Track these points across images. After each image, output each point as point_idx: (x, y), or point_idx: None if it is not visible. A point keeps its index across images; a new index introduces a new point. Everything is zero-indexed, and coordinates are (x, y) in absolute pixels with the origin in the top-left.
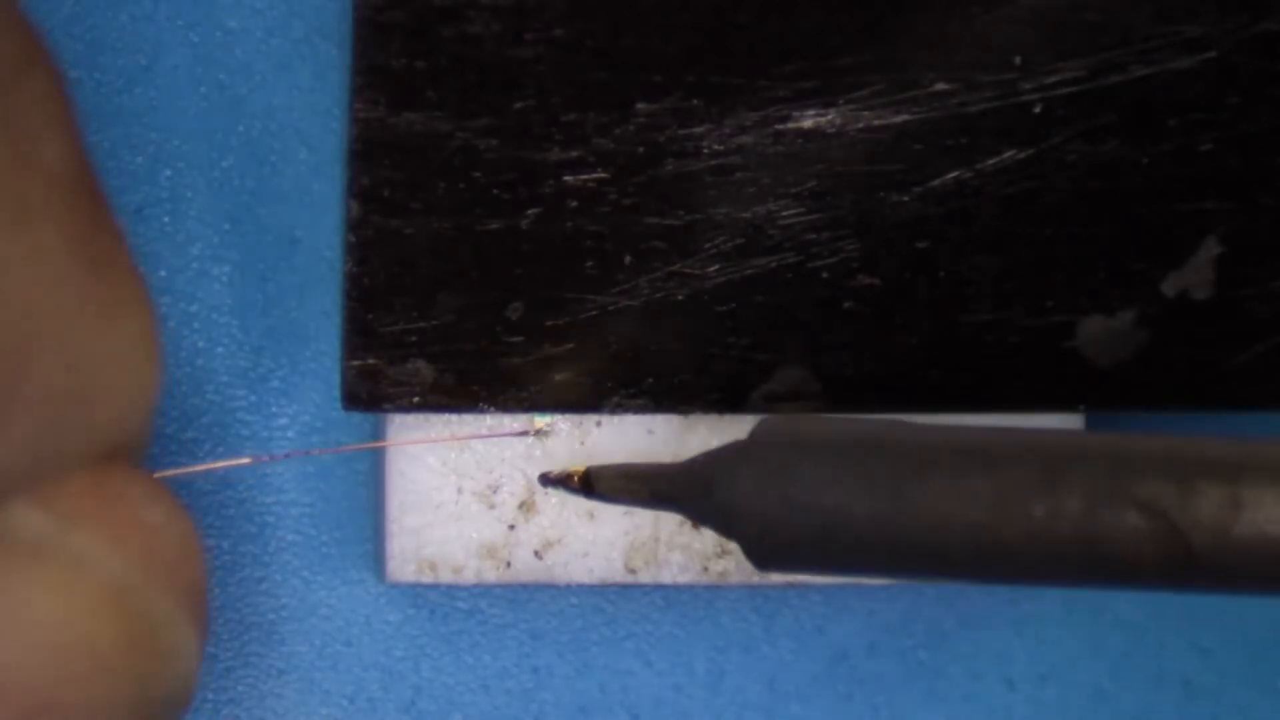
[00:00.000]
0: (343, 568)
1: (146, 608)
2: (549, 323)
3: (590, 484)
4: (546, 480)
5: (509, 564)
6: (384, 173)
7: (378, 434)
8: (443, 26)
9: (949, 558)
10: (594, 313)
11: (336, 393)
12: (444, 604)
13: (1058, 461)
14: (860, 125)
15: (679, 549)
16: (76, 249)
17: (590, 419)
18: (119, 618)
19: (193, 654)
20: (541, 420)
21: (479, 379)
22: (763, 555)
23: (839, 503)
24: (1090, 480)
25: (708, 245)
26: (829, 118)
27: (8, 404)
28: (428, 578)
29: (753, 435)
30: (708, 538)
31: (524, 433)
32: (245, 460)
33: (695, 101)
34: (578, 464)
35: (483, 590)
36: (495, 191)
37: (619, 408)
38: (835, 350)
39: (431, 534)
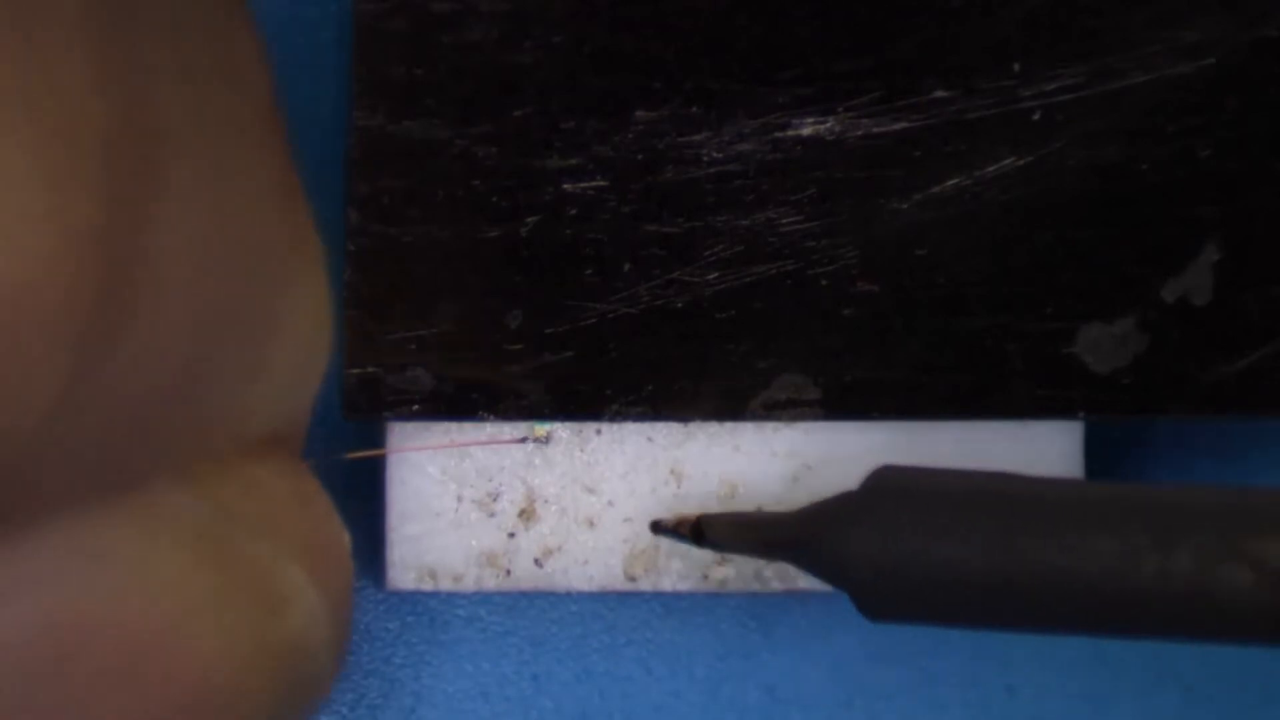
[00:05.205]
0: None
1: (290, 596)
2: (548, 330)
3: (701, 532)
4: (658, 528)
5: (509, 571)
6: (383, 181)
7: (377, 442)
8: (442, 34)
9: (1062, 613)
10: (593, 320)
11: (336, 401)
12: (444, 611)
13: (1170, 517)
14: (859, 132)
15: (679, 556)
16: (277, 184)
17: (590, 426)
18: (265, 610)
19: (330, 662)
20: (541, 428)
21: (479, 387)
22: (873, 606)
23: (950, 555)
24: (1202, 536)
25: (707, 252)
26: (828, 125)
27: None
28: (428, 585)
29: (864, 485)
30: None
31: (523, 439)
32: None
33: (694, 109)
34: (690, 512)
35: (482, 598)
36: (494, 199)
37: (618, 415)
38: (835, 357)
39: (431, 542)
